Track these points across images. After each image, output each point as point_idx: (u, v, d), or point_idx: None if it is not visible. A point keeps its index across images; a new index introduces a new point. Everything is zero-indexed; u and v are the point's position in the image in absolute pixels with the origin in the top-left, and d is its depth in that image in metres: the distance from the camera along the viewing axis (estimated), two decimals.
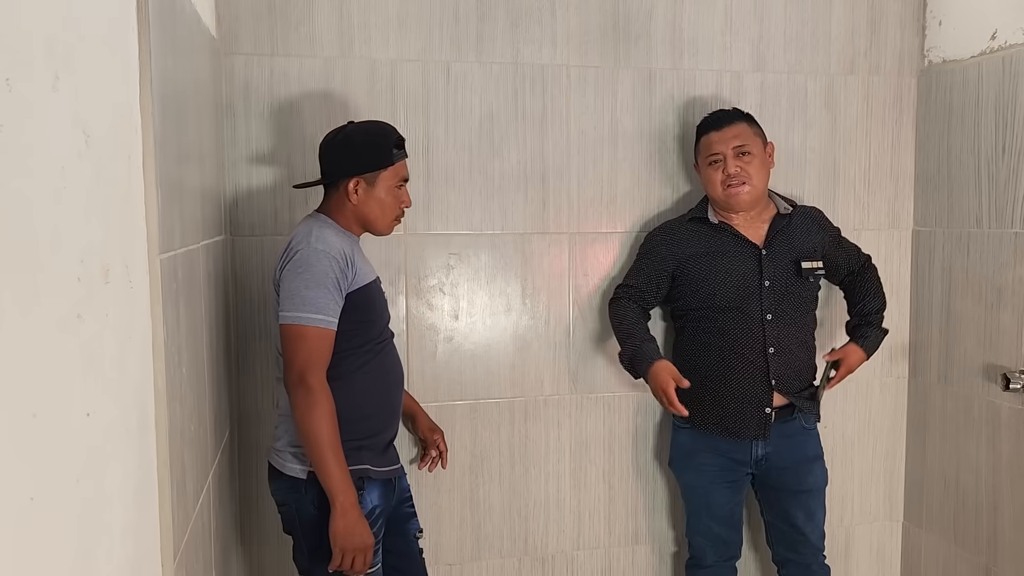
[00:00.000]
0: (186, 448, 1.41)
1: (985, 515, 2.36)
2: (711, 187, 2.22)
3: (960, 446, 2.45)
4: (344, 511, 1.70)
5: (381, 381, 1.87)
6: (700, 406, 2.22)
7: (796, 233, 2.25)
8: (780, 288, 2.20)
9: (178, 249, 1.40)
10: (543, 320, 2.40)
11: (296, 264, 1.73)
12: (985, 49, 2.35)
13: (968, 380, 2.41)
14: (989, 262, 2.33)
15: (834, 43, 2.54)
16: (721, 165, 2.18)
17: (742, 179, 2.16)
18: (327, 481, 1.70)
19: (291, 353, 1.72)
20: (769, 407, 2.19)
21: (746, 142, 2.18)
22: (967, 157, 2.41)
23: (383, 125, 1.90)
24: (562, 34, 2.35)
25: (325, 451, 1.70)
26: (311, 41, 2.20)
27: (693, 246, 2.25)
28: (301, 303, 1.71)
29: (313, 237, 1.75)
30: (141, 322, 1.15)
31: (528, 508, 2.43)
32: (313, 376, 1.70)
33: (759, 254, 2.20)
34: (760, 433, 2.20)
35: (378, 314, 1.86)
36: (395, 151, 1.84)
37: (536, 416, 2.41)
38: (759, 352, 2.18)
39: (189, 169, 1.57)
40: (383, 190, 1.84)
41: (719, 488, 2.27)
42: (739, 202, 2.18)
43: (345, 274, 1.75)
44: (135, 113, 1.15)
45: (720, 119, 2.22)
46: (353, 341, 1.79)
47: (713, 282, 2.21)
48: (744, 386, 2.19)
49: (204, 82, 1.83)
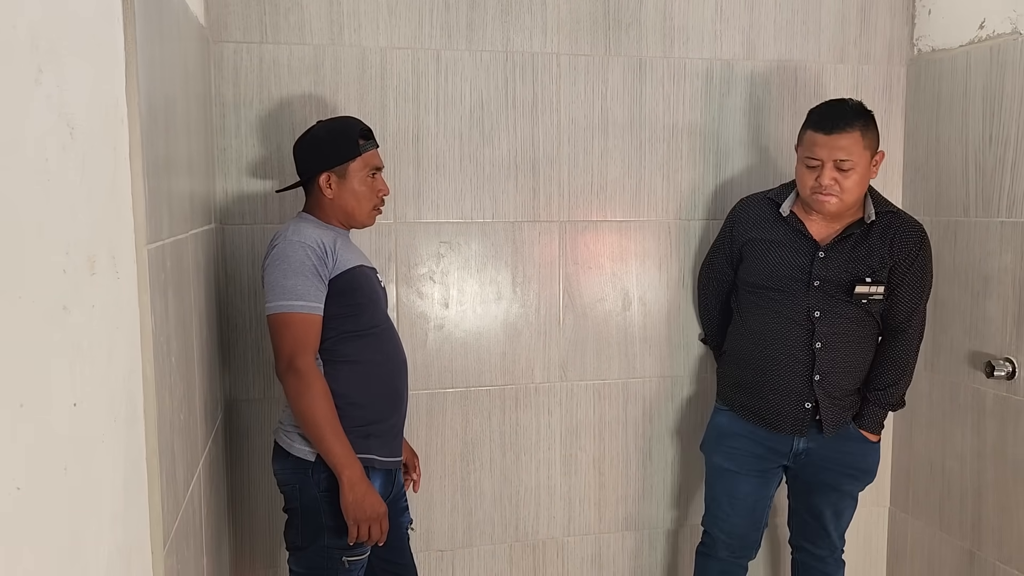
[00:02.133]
0: (176, 436, 1.42)
1: (970, 500, 2.39)
2: (800, 184, 2.10)
3: (946, 433, 2.47)
4: (352, 484, 1.74)
5: (381, 367, 1.88)
6: (741, 392, 2.21)
7: (871, 245, 2.09)
8: (828, 295, 2.09)
9: (166, 239, 1.40)
10: (534, 308, 2.41)
11: (274, 258, 1.79)
12: (974, 38, 2.35)
13: (954, 368, 2.43)
14: (976, 251, 2.35)
15: (824, 32, 2.55)
16: (816, 172, 2.04)
17: (833, 192, 2.03)
18: (330, 458, 1.75)
19: (278, 341, 1.77)
20: (810, 402, 2.11)
21: (851, 157, 2.00)
22: (955, 146, 2.42)
23: (347, 119, 1.96)
24: (552, 22, 2.35)
25: (324, 430, 1.74)
26: (301, 29, 2.20)
27: (757, 228, 2.20)
28: (281, 292, 1.76)
29: (290, 231, 1.81)
30: (129, 312, 1.16)
31: (519, 495, 2.45)
32: (301, 359, 1.74)
33: (815, 253, 2.10)
34: (797, 429, 2.13)
35: (368, 299, 1.87)
36: (361, 142, 1.89)
37: (527, 404, 2.43)
38: (804, 346, 2.10)
39: (177, 159, 1.57)
40: (355, 181, 1.88)
41: (746, 477, 2.21)
42: (823, 209, 2.07)
43: (324, 261, 1.79)
44: (121, 104, 1.15)
45: (834, 121, 2.02)
46: (344, 326, 1.82)
47: (765, 268, 2.15)
48: (785, 378, 2.13)
49: (192, 71, 1.83)
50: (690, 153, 2.47)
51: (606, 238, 2.45)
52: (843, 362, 2.12)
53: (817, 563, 2.29)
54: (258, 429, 2.24)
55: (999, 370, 2.19)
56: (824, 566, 2.28)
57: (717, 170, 2.50)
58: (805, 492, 2.25)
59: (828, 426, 2.13)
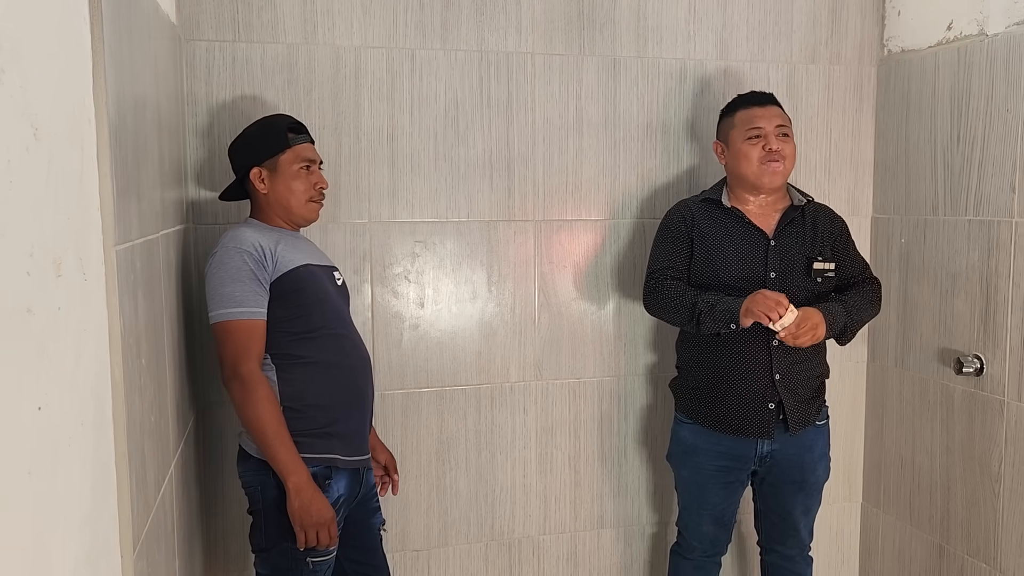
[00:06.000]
0: (146, 439, 1.41)
1: (939, 495, 2.43)
2: (745, 162, 2.11)
3: (916, 429, 2.51)
4: (298, 490, 1.74)
5: (339, 367, 1.87)
6: (703, 401, 2.18)
7: (808, 228, 2.17)
8: (786, 281, 2.11)
9: (136, 240, 1.39)
10: (509, 307, 2.41)
11: (212, 266, 1.79)
12: (942, 39, 2.39)
13: (924, 364, 2.47)
14: (944, 249, 2.39)
15: (796, 32, 2.57)
16: (761, 141, 2.10)
17: (780, 157, 2.10)
18: (276, 464, 1.75)
19: (221, 349, 1.77)
20: (773, 403, 2.11)
21: (786, 123, 2.15)
22: (924, 146, 2.45)
23: (277, 115, 1.98)
24: (527, 22, 2.35)
25: (269, 436, 1.74)
26: (274, 27, 2.18)
27: (702, 227, 2.17)
28: (220, 300, 1.76)
29: (228, 238, 1.81)
30: (96, 315, 1.15)
31: (495, 494, 2.45)
32: (244, 366, 1.74)
33: (767, 244, 2.13)
34: (764, 432, 2.12)
35: (315, 298, 1.85)
36: (291, 135, 1.88)
37: (502, 403, 2.43)
38: (762, 346, 2.09)
39: (148, 158, 1.56)
40: (287, 174, 1.88)
41: (715, 488, 2.20)
42: (772, 180, 2.10)
43: (262, 265, 1.79)
44: (88, 104, 1.14)
45: (764, 98, 2.17)
46: (293, 327, 1.82)
47: (719, 267, 2.13)
48: (747, 381, 2.11)
49: (164, 69, 1.81)
50: (664, 152, 2.48)
51: (581, 237, 2.45)
52: (801, 356, 2.12)
53: (787, 563, 2.29)
54: (231, 432, 2.22)
55: (967, 366, 2.22)
56: (794, 565, 2.29)
57: (691, 169, 2.51)
58: (773, 494, 2.24)
59: (794, 424, 2.13)
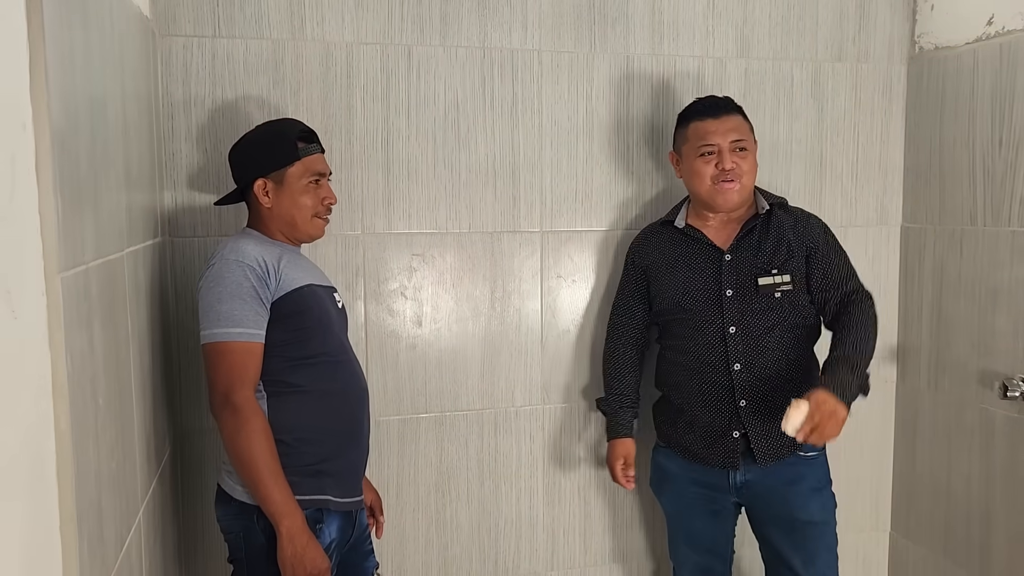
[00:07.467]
0: (104, 491, 1.23)
1: (977, 527, 2.25)
2: (697, 181, 1.97)
3: (951, 454, 2.33)
4: (291, 537, 1.55)
5: (335, 397, 1.70)
6: (674, 428, 2.06)
7: (769, 238, 1.96)
8: (743, 299, 1.93)
9: (91, 262, 1.21)
10: (514, 326, 2.23)
11: (208, 279, 1.61)
12: (981, 35, 2.21)
13: (960, 385, 2.29)
14: (984, 262, 2.21)
15: (821, 28, 2.40)
16: (714, 159, 1.94)
17: (735, 176, 1.93)
18: (267, 506, 1.56)
19: (213, 373, 1.59)
20: (738, 431, 1.93)
21: (744, 137, 1.96)
22: (961, 150, 2.28)
23: (286, 120, 1.80)
24: (534, 16, 2.18)
25: (262, 474, 1.55)
26: (258, 21, 2.00)
27: (657, 253, 2.08)
28: (216, 319, 1.58)
29: (228, 249, 1.63)
30: (34, 355, 0.97)
31: (498, 527, 2.27)
32: (238, 394, 1.56)
33: (720, 259, 1.97)
34: (730, 462, 1.94)
35: (318, 321, 1.68)
36: (300, 145, 1.72)
37: (507, 428, 2.25)
38: (722, 370, 1.93)
39: (110, 166, 1.37)
40: (295, 188, 1.71)
41: (700, 516, 2.05)
42: (727, 200, 1.95)
43: (265, 282, 1.61)
44: (24, 106, 0.96)
45: (717, 106, 1.97)
46: (291, 352, 1.64)
47: (673, 293, 2.01)
48: (709, 408, 1.96)
49: (133, 67, 1.63)
50: None
51: (592, 249, 2.28)
52: (769, 380, 1.92)
53: None
54: (213, 461, 2.04)
55: (1013, 390, 2.04)
56: None
57: None
58: (761, 534, 2.03)
59: (762, 456, 1.92)
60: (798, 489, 1.95)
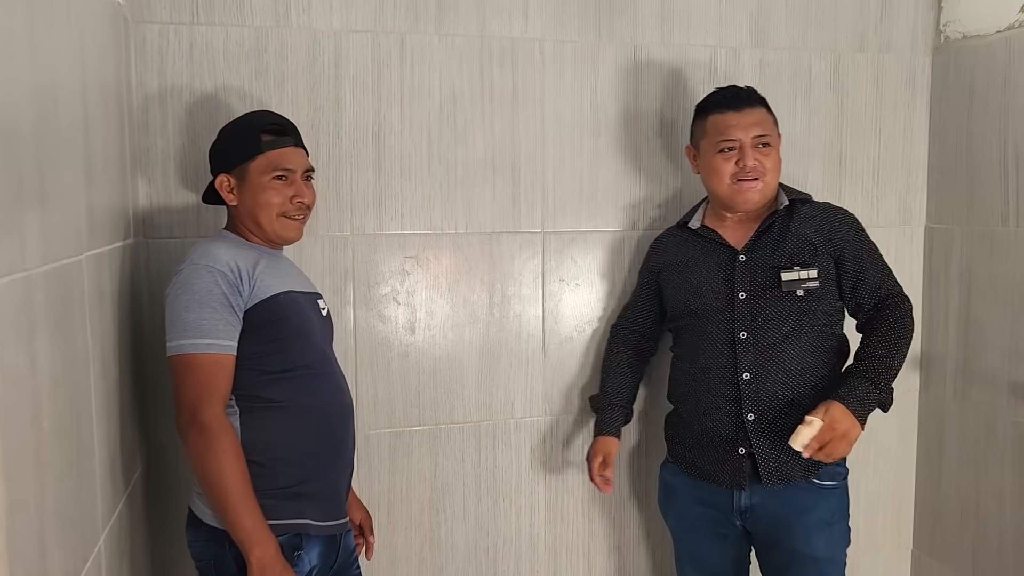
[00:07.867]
0: (48, 522, 1.10)
1: (1011, 548, 2.11)
2: (715, 178, 1.83)
3: (980, 470, 2.19)
4: (262, 567, 1.43)
5: (316, 413, 1.57)
6: (679, 441, 1.94)
7: (789, 236, 1.81)
8: (758, 301, 1.79)
9: (35, 268, 1.08)
10: (513, 332, 2.10)
11: (176, 286, 1.49)
12: (1014, 22, 2.07)
13: (991, 397, 2.15)
14: (1016, 265, 2.08)
15: (841, 16, 2.26)
16: (736, 155, 1.80)
17: (758, 174, 1.80)
18: (237, 533, 1.44)
19: (179, 388, 1.46)
20: (744, 448, 1.78)
21: (767, 132, 1.82)
22: (991, 146, 2.14)
23: (257, 112, 1.69)
24: (535, 3, 2.05)
25: (231, 498, 1.43)
26: (240, 7, 1.88)
27: (670, 256, 1.97)
28: (183, 329, 1.46)
29: (198, 254, 1.51)
30: None
31: (497, 546, 2.14)
32: (206, 411, 1.44)
33: (734, 259, 1.83)
34: (736, 481, 1.80)
35: (296, 331, 1.56)
36: (265, 138, 1.60)
37: (506, 442, 2.12)
38: (729, 379, 1.79)
39: (64, 162, 1.24)
40: (256, 186, 1.58)
41: (706, 538, 1.91)
42: (747, 200, 1.81)
43: (237, 289, 1.49)
44: None
45: (739, 98, 1.83)
46: (266, 365, 1.52)
47: (683, 296, 1.89)
48: (714, 420, 1.81)
49: (98, 55, 1.50)
50: None
51: (597, 251, 2.15)
52: (781, 393, 1.77)
53: None
54: (191, 477, 1.90)
55: None
56: None
57: None
58: (761, 556, 1.88)
59: (767, 476, 1.76)
60: (805, 520, 1.78)
